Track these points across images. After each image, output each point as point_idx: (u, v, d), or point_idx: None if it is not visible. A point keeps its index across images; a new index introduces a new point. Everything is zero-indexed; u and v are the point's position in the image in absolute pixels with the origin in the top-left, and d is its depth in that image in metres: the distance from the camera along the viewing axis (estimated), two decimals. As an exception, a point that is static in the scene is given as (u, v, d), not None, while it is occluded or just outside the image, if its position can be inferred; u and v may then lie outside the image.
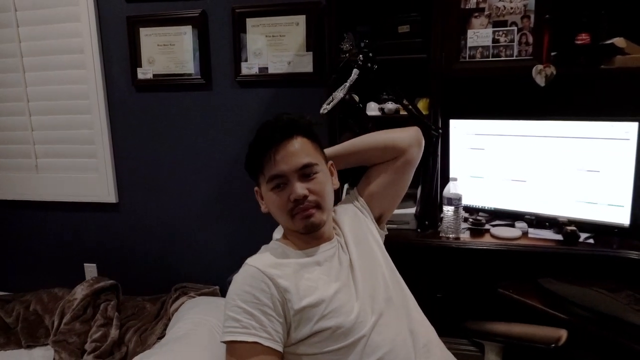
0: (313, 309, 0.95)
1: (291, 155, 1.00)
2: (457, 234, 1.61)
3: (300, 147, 1.02)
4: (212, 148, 2.20)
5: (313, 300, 0.95)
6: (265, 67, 2.07)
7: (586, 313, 1.27)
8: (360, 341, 0.95)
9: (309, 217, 1.01)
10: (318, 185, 1.01)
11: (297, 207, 1.00)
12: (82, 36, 2.20)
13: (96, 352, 1.90)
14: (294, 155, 1.00)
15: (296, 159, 1.00)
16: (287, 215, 1.02)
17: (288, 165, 1.00)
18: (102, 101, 2.25)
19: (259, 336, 0.92)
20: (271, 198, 1.03)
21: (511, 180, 1.72)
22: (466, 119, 1.78)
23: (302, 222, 1.01)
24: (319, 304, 0.95)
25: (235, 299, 0.95)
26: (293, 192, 0.99)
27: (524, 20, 1.56)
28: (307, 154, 1.02)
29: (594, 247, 1.51)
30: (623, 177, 1.53)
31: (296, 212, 1.01)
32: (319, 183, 1.02)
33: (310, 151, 1.03)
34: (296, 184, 0.99)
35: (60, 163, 2.38)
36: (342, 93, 1.45)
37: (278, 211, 1.03)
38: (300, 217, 1.01)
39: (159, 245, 2.36)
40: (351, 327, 0.95)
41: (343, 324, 0.95)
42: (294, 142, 1.02)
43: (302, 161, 1.00)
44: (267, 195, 1.05)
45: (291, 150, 1.01)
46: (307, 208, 1.00)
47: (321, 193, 1.02)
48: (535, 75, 1.56)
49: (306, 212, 1.00)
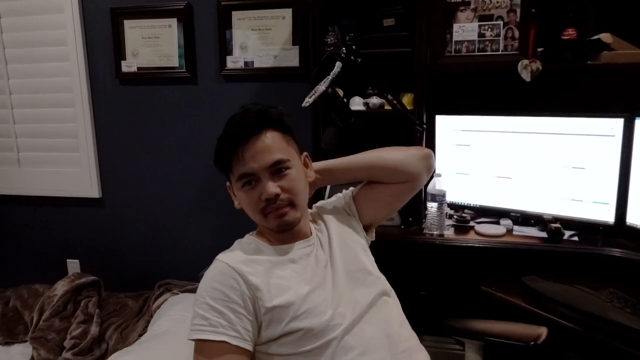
0: (285, 310, 0.92)
1: (261, 152, 0.95)
2: (441, 231, 1.59)
3: (271, 143, 0.97)
4: (197, 143, 2.16)
5: (284, 300, 0.93)
6: (251, 61, 2.04)
7: (568, 311, 1.25)
8: (332, 343, 0.92)
9: (282, 216, 0.97)
10: (291, 183, 0.97)
11: (269, 206, 0.96)
12: (66, 28, 2.16)
13: (75, 349, 1.86)
14: (263, 152, 0.95)
15: (266, 155, 0.95)
16: (259, 214, 0.98)
17: (258, 163, 0.95)
18: (85, 94, 2.21)
19: (227, 335, 0.89)
20: (242, 197, 0.99)
21: (497, 177, 1.70)
22: (452, 114, 1.75)
23: (275, 221, 0.98)
24: (291, 304, 0.92)
25: (205, 296, 0.92)
26: (264, 191, 0.95)
27: (510, 15, 1.54)
28: (278, 149, 0.97)
29: (578, 244, 1.49)
30: (608, 174, 1.51)
31: (269, 211, 0.97)
32: (292, 180, 0.97)
33: (281, 146, 0.98)
34: (267, 183, 0.95)
35: (43, 157, 2.34)
36: (325, 86, 1.43)
37: (250, 210, 1.00)
38: (274, 216, 0.97)
39: (143, 241, 2.33)
40: (324, 329, 0.92)
41: (315, 326, 0.92)
42: (264, 137, 0.97)
43: (272, 158, 0.96)
44: (238, 194, 1.01)
45: (260, 147, 0.96)
46: (280, 207, 0.96)
47: (294, 190, 0.98)
48: (521, 70, 1.54)
49: (279, 211, 0.97)
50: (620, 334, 1.15)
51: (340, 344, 0.92)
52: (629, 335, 1.14)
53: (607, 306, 1.23)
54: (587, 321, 1.21)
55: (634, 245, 1.44)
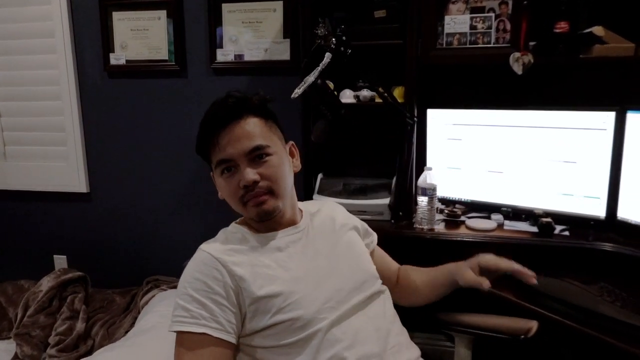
0: (271, 300, 0.90)
1: (239, 138, 0.93)
2: (432, 225, 1.57)
3: (250, 129, 0.94)
4: (187, 136, 2.13)
5: (271, 291, 0.90)
6: (241, 54, 2.02)
7: (558, 305, 1.23)
8: (317, 334, 0.90)
9: (261, 204, 0.95)
10: (270, 170, 0.95)
11: (247, 193, 0.94)
12: (53, 19, 2.13)
13: (60, 346, 1.83)
14: (242, 138, 0.93)
15: (245, 141, 0.93)
16: (239, 203, 0.96)
17: (235, 149, 0.93)
18: (73, 87, 2.18)
19: (209, 327, 0.86)
20: (221, 184, 0.97)
21: (488, 172, 1.69)
22: (444, 108, 1.74)
23: (254, 209, 0.95)
24: (277, 295, 0.90)
25: (186, 287, 0.90)
26: (242, 177, 0.93)
27: (502, 7, 1.53)
28: (258, 135, 0.95)
29: (569, 239, 1.48)
30: (599, 168, 1.50)
31: (247, 199, 0.95)
32: (272, 167, 0.95)
33: (262, 132, 0.96)
34: (246, 169, 0.93)
35: (30, 151, 2.30)
36: (314, 77, 1.41)
37: (230, 198, 0.98)
38: (252, 204, 0.95)
39: (131, 236, 2.30)
40: (310, 320, 0.90)
41: (302, 317, 0.90)
42: (243, 123, 0.94)
43: (251, 144, 0.93)
44: (218, 182, 0.99)
45: (239, 133, 0.93)
46: (259, 194, 0.94)
47: (273, 177, 0.95)
48: (513, 63, 1.52)
49: (258, 199, 0.94)
50: (610, 327, 1.13)
51: (327, 335, 0.90)
52: (619, 328, 1.12)
53: (597, 300, 1.22)
54: (577, 315, 1.19)
55: (625, 240, 1.43)
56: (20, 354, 1.84)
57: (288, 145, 1.04)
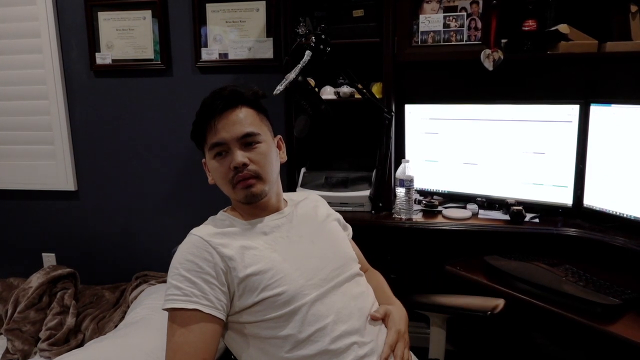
0: (258, 277, 0.96)
1: (233, 124, 1.01)
2: (410, 215, 1.65)
3: (244, 117, 1.02)
4: (173, 134, 2.18)
5: (258, 268, 0.96)
6: (226, 53, 2.07)
7: (525, 286, 1.32)
8: (301, 308, 0.96)
9: (249, 187, 1.02)
10: (259, 156, 1.02)
11: (237, 175, 1.01)
12: (39, 19, 2.16)
13: (51, 340, 1.86)
14: (236, 124, 1.01)
15: (238, 127, 1.01)
16: (228, 184, 1.03)
17: (229, 133, 1.00)
18: (59, 87, 2.21)
19: (200, 303, 0.92)
20: (214, 166, 1.04)
21: (463, 164, 1.77)
22: (421, 103, 1.81)
23: (242, 192, 1.02)
24: (265, 272, 0.96)
25: (178, 268, 0.96)
26: (233, 159, 1.00)
27: (473, 6, 1.61)
28: (250, 123, 1.03)
29: (538, 225, 1.56)
30: (566, 158, 1.59)
31: (237, 180, 1.02)
32: (260, 153, 1.03)
33: (254, 121, 1.04)
34: (237, 152, 1.00)
35: (17, 150, 2.33)
36: (295, 74, 1.47)
37: (220, 180, 1.04)
38: (241, 187, 1.02)
39: (119, 233, 2.33)
40: (294, 295, 0.96)
41: (286, 292, 0.96)
42: (238, 111, 1.02)
43: (243, 130, 1.01)
44: (210, 164, 1.06)
45: (233, 119, 1.01)
46: (247, 177, 1.01)
47: (261, 163, 1.02)
48: (484, 59, 1.60)
49: (246, 182, 1.01)
50: (573, 305, 1.22)
51: (310, 310, 0.96)
52: (581, 306, 1.21)
53: (562, 280, 1.30)
54: (543, 294, 1.27)
55: (590, 226, 1.52)
56: (11, 349, 1.87)
57: (276, 138, 1.12)
